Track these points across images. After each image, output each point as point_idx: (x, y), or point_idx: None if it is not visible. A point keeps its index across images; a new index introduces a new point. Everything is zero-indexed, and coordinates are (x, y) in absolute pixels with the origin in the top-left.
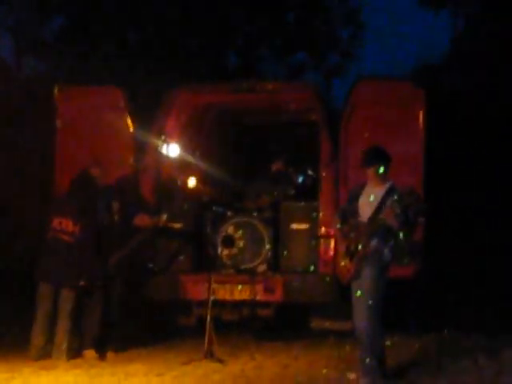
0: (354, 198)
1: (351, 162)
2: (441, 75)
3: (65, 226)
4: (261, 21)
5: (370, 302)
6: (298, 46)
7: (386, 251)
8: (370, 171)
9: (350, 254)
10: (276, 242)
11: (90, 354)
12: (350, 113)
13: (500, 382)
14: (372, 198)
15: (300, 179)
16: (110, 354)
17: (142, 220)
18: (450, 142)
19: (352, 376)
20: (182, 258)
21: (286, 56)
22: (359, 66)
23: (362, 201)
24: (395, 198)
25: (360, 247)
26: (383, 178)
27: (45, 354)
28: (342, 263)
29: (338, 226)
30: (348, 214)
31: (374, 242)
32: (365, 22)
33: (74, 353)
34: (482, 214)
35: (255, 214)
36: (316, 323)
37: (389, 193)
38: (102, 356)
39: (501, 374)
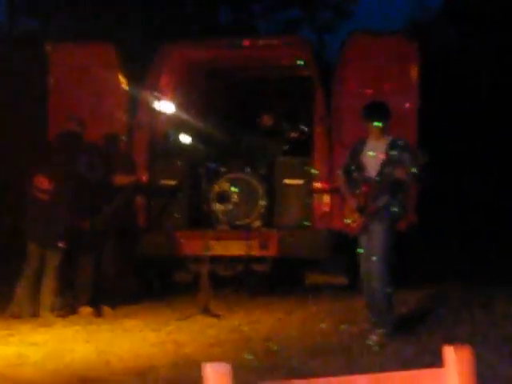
0: (356, 153)
1: (345, 116)
2: (432, 32)
3: (41, 183)
4: None
5: (382, 255)
6: (290, 2)
7: (396, 205)
8: (372, 126)
9: (360, 209)
10: (270, 197)
11: (85, 310)
12: (343, 67)
13: (491, 334)
14: (375, 152)
15: (293, 135)
16: (106, 310)
17: (121, 178)
18: (442, 98)
19: (356, 329)
20: (176, 214)
21: (278, 12)
22: (352, 23)
23: (365, 156)
24: (401, 151)
25: (370, 202)
26: (384, 132)
27: (26, 312)
28: (350, 218)
29: (344, 181)
30: (352, 169)
31: (383, 197)
32: None
33: (67, 310)
34: (474, 171)
35: (249, 170)
36: (311, 278)
37: (392, 146)
38: (98, 312)
39: (493, 327)
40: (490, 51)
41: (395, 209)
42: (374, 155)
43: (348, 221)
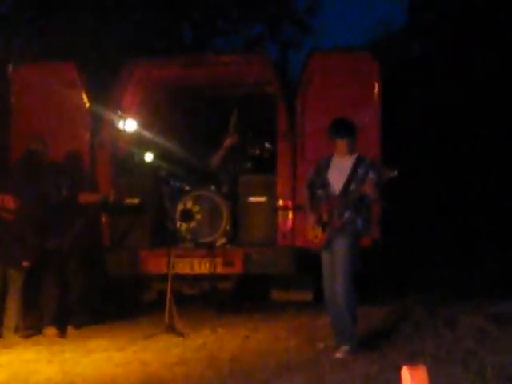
0: (322, 169)
1: (307, 134)
2: (397, 45)
3: (6, 202)
4: None
5: (345, 271)
6: (253, 18)
7: (359, 221)
8: (339, 143)
9: (322, 225)
10: (234, 215)
11: (50, 331)
12: (306, 85)
13: (457, 348)
14: (341, 169)
15: (257, 152)
16: (70, 331)
17: (86, 197)
18: (406, 113)
19: (321, 345)
20: (140, 232)
21: (242, 28)
22: (316, 39)
23: (331, 172)
24: (367, 168)
25: (334, 218)
26: (351, 149)
27: None
28: (312, 234)
29: (308, 197)
30: (317, 185)
31: (347, 213)
32: None
33: (32, 331)
34: (437, 182)
35: (213, 188)
36: (276, 295)
37: (358, 162)
38: (62, 333)
39: (458, 341)
40: (454, 64)
41: (359, 225)
42: (340, 171)
43: (310, 237)
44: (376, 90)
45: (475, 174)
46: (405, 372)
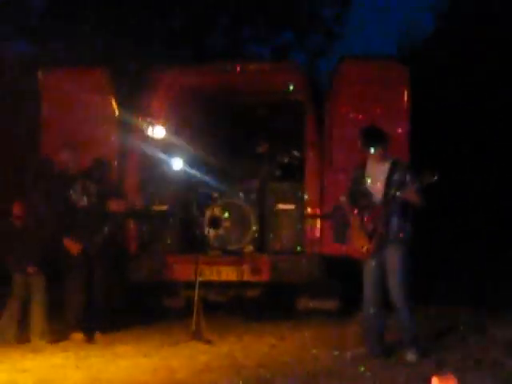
0: (359, 178)
1: (336, 141)
2: (426, 53)
3: (15, 209)
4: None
5: (402, 278)
6: (282, 26)
7: (408, 227)
8: (372, 151)
9: (369, 235)
10: (262, 222)
11: (77, 336)
12: (335, 93)
13: (487, 358)
14: (377, 176)
15: (285, 160)
16: (97, 336)
17: (115, 204)
18: (436, 121)
19: (348, 355)
20: (168, 239)
21: (270, 36)
22: (344, 46)
23: (369, 181)
24: (404, 172)
25: (379, 227)
26: (384, 156)
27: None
28: (358, 244)
29: (350, 208)
30: (357, 195)
31: (394, 221)
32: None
33: (58, 336)
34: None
35: (241, 195)
36: (302, 303)
37: (394, 167)
38: (89, 338)
39: (485, 352)
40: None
41: (407, 230)
42: (376, 179)
43: (357, 247)
44: (406, 97)
45: (476, 174)
46: (435, 382)
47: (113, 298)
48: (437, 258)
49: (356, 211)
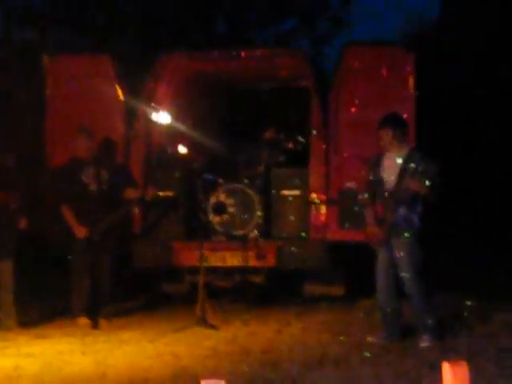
0: (374, 167)
1: (341, 127)
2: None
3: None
4: None
5: (411, 265)
6: (286, 12)
7: (415, 218)
8: (384, 133)
9: (379, 222)
10: (267, 208)
11: (82, 320)
12: (340, 79)
13: (493, 345)
14: (393, 165)
15: (290, 145)
16: (103, 322)
17: (129, 193)
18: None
19: (354, 340)
20: (173, 225)
21: (274, 23)
22: (349, 33)
23: (384, 170)
24: (418, 162)
25: (387, 214)
26: (399, 142)
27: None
28: (370, 230)
29: (366, 196)
30: (372, 183)
31: (401, 210)
32: None
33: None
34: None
35: (246, 181)
36: (308, 288)
37: (409, 157)
38: (95, 324)
39: (493, 338)
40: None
41: (415, 221)
42: (391, 168)
43: (368, 233)
44: (411, 83)
45: (485, 162)
46: (446, 368)
47: (118, 283)
48: (445, 249)
49: (367, 200)
